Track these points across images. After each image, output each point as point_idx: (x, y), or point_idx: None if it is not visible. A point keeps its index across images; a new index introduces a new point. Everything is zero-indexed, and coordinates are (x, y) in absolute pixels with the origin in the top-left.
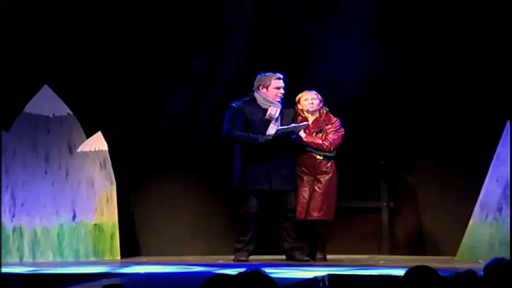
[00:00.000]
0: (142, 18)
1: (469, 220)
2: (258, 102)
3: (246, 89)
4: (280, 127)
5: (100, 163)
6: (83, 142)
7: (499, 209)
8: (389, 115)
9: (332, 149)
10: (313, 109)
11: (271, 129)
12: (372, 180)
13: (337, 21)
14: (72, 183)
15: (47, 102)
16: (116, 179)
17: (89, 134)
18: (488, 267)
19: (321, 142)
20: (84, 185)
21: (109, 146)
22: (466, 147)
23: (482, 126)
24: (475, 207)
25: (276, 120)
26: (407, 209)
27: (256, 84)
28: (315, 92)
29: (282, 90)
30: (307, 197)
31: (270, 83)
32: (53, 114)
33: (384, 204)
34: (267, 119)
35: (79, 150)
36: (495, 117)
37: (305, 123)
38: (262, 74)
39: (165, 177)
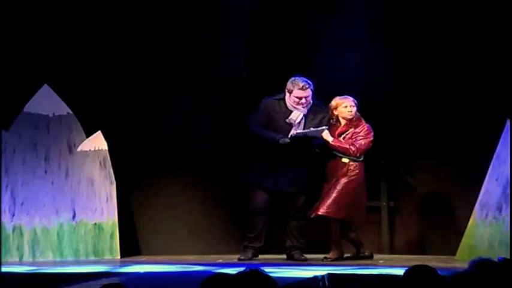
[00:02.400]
0: (143, 18)
1: (468, 219)
2: (286, 102)
3: (246, 89)
4: (298, 131)
5: (100, 162)
6: (82, 141)
7: (499, 208)
8: (390, 114)
9: (358, 154)
10: (351, 116)
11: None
12: (371, 180)
13: (338, 22)
14: (72, 182)
15: (46, 102)
16: (116, 179)
17: (88, 133)
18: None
19: (347, 147)
20: (84, 184)
21: (109, 145)
22: (466, 147)
23: (482, 125)
24: (474, 207)
25: (298, 125)
26: (407, 209)
27: (286, 85)
28: (352, 99)
29: (303, 101)
30: (323, 196)
31: (293, 90)
32: (53, 114)
33: (384, 203)
34: (288, 122)
35: (79, 149)
36: (495, 116)
37: (323, 127)
38: (295, 78)
39: (165, 177)
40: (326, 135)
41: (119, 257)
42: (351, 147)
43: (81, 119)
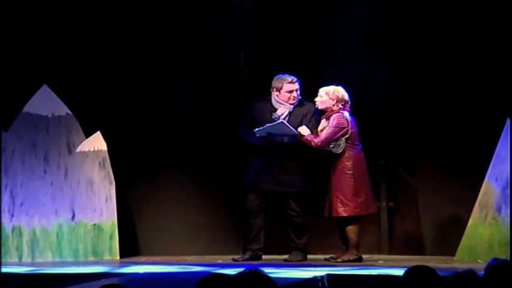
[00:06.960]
0: (142, 18)
1: (468, 220)
2: (272, 102)
3: (246, 88)
4: (257, 128)
5: (99, 163)
6: (82, 142)
7: (498, 209)
8: (390, 115)
9: (322, 145)
10: (320, 108)
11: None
12: (371, 180)
13: (339, 21)
14: (71, 183)
15: (46, 102)
16: (115, 179)
17: (88, 133)
18: (489, 268)
19: (310, 139)
20: (83, 184)
21: (108, 146)
22: (466, 147)
23: (482, 125)
24: (474, 207)
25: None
26: (406, 209)
27: (272, 84)
28: (325, 91)
29: (294, 94)
30: (325, 195)
31: (282, 86)
32: (52, 114)
33: (384, 204)
34: (273, 119)
35: (78, 150)
36: (495, 116)
37: (279, 121)
38: (279, 76)
39: (164, 177)
40: (303, 130)
41: (118, 257)
42: (314, 139)
43: (80, 120)
